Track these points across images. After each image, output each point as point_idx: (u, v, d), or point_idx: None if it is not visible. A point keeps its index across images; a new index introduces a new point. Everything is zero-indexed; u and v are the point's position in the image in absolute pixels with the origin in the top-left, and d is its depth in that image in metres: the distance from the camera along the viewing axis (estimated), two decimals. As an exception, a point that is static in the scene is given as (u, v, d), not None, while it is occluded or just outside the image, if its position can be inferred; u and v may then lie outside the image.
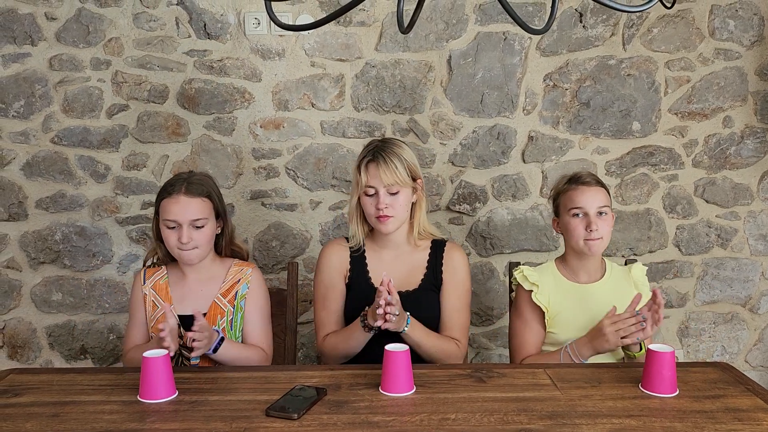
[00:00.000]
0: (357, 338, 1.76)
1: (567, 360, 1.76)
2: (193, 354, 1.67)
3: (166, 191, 1.82)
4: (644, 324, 1.66)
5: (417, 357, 1.80)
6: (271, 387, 1.53)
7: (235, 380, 1.59)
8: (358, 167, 1.83)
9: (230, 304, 1.86)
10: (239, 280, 1.89)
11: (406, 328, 1.71)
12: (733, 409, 1.41)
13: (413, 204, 1.88)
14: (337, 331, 1.86)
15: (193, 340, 1.63)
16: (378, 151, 1.82)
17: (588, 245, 1.82)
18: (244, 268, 1.92)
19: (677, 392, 1.48)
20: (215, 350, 1.70)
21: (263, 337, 1.87)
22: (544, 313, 1.86)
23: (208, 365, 1.83)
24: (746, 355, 2.74)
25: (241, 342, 1.86)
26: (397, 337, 1.71)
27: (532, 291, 1.87)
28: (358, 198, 1.85)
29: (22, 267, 2.56)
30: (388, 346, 1.51)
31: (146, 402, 1.46)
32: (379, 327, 1.65)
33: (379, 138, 1.95)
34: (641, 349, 1.72)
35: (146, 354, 1.48)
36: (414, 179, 1.85)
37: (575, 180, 1.88)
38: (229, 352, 1.73)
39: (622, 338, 1.67)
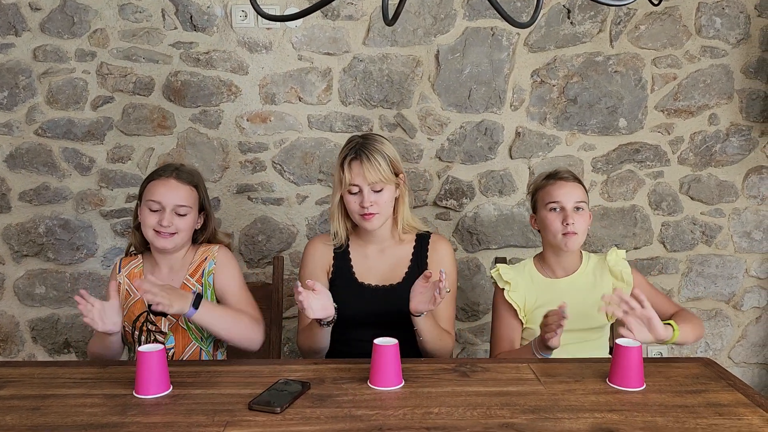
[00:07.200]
0: (316, 333, 1.72)
1: (530, 354, 1.74)
2: (157, 308, 1.59)
3: (156, 174, 1.83)
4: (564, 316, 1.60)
5: (415, 351, 1.80)
6: (254, 381, 1.52)
7: (217, 374, 1.58)
8: (341, 165, 1.81)
9: (198, 282, 1.84)
10: (206, 258, 1.87)
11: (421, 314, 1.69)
12: (714, 404, 1.41)
13: (396, 199, 1.87)
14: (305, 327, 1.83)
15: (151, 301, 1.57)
16: (360, 148, 1.80)
17: (565, 240, 1.85)
18: (211, 246, 1.90)
19: (644, 386, 1.49)
20: (196, 307, 1.62)
21: (247, 304, 1.83)
22: (517, 310, 1.89)
23: (186, 353, 1.81)
24: (729, 351, 2.76)
25: None
26: (389, 331, 1.60)
27: (504, 289, 1.90)
28: (340, 196, 1.83)
29: (5, 260, 2.53)
30: (377, 340, 1.49)
31: (140, 397, 1.43)
32: (322, 320, 1.66)
33: (360, 134, 1.91)
34: (674, 331, 1.70)
35: (141, 348, 1.44)
36: (396, 174, 1.84)
37: (553, 176, 1.92)
38: (211, 311, 1.67)
39: (546, 335, 1.65)
